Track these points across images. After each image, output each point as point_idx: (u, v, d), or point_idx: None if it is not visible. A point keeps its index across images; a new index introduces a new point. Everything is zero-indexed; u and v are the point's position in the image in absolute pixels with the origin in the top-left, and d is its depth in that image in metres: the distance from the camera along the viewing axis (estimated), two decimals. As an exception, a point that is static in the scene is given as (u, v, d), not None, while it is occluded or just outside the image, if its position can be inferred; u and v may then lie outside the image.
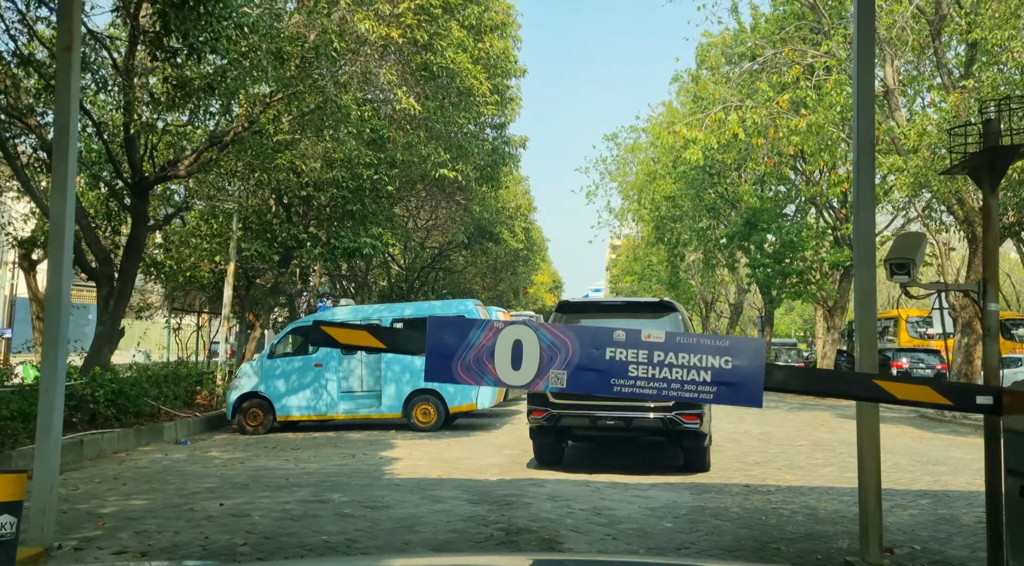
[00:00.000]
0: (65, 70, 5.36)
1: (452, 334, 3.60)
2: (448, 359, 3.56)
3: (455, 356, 3.55)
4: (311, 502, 7.33)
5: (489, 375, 3.53)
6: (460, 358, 3.54)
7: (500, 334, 3.55)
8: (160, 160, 13.78)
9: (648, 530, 6.36)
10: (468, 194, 23.63)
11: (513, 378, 3.53)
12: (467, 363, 3.54)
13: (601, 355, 3.52)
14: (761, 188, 25.78)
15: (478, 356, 3.54)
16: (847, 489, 8.26)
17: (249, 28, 9.47)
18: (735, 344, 3.54)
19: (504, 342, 3.54)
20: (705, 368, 3.44)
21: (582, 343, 3.55)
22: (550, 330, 3.62)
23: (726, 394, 3.44)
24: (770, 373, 3.42)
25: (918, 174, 15.55)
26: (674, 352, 3.50)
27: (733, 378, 3.42)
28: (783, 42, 19.00)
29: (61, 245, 5.35)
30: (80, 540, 5.86)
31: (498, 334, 3.55)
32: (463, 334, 3.58)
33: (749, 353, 3.47)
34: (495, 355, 3.52)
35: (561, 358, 3.53)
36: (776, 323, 43.11)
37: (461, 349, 3.56)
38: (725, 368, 3.43)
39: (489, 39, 17.00)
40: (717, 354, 3.47)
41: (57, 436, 5.34)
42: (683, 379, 3.45)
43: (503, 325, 3.61)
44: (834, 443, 12.28)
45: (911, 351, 24.66)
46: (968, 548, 5.92)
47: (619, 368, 3.49)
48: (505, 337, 3.55)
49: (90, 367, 11.65)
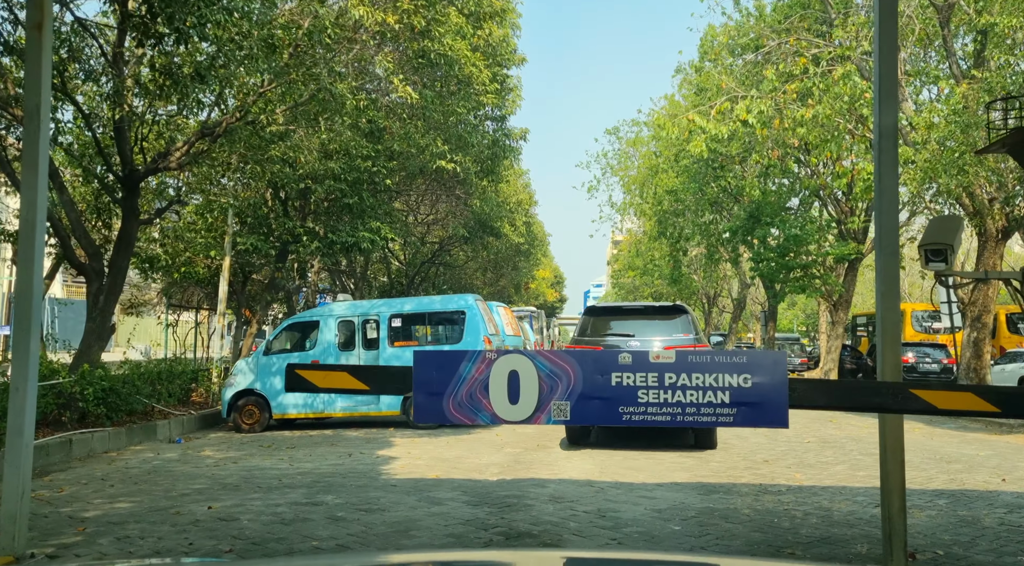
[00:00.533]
0: (35, 49, 5.04)
1: (440, 369, 3.27)
2: (438, 397, 3.24)
3: (446, 393, 3.23)
4: (303, 504, 7.03)
5: (485, 412, 3.22)
6: (452, 395, 3.23)
7: (494, 365, 3.23)
8: (151, 152, 13.47)
9: (655, 533, 6.07)
10: (468, 188, 23.31)
11: (511, 413, 3.21)
12: (460, 400, 3.22)
13: (607, 382, 3.19)
14: (765, 181, 25.44)
15: (471, 391, 3.22)
16: (860, 489, 7.97)
17: (239, 13, 9.15)
18: (753, 359, 3.21)
19: (499, 374, 3.22)
20: (722, 388, 3.12)
21: (584, 370, 3.22)
22: (548, 358, 3.29)
23: (748, 416, 3.13)
24: (794, 389, 3.10)
25: (928, 170, 15.22)
26: (687, 373, 3.17)
27: (754, 397, 3.10)
28: (788, 32, 18.65)
29: (32, 236, 5.03)
30: (57, 547, 5.56)
31: (491, 365, 3.23)
32: (453, 368, 3.25)
33: (769, 368, 3.14)
34: (490, 389, 3.20)
35: (563, 388, 3.20)
36: (779, 318, 42.79)
37: (452, 385, 3.24)
38: (744, 387, 3.11)
39: (488, 26, 16.64)
40: (734, 372, 3.15)
41: (29, 439, 5.04)
42: (699, 402, 3.13)
43: (496, 355, 3.29)
44: (843, 440, 11.99)
45: (916, 345, 24.35)
46: (993, 552, 5.62)
47: (627, 395, 3.17)
48: (499, 368, 3.23)
49: (79, 364, 11.35)
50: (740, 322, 46.52)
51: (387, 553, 4.83)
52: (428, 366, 3.28)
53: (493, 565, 2.09)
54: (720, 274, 40.97)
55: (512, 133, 22.12)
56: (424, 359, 3.30)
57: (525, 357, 3.29)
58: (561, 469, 9.04)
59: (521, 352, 3.35)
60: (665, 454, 10.21)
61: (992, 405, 2.95)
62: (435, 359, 3.32)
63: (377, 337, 13.52)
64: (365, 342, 13.56)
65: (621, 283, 58.58)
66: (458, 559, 2.49)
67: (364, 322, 13.61)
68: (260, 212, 17.77)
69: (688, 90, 27.09)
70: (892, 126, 4.96)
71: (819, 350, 38.26)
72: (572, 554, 3.71)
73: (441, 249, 30.52)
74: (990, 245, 16.46)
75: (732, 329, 43.04)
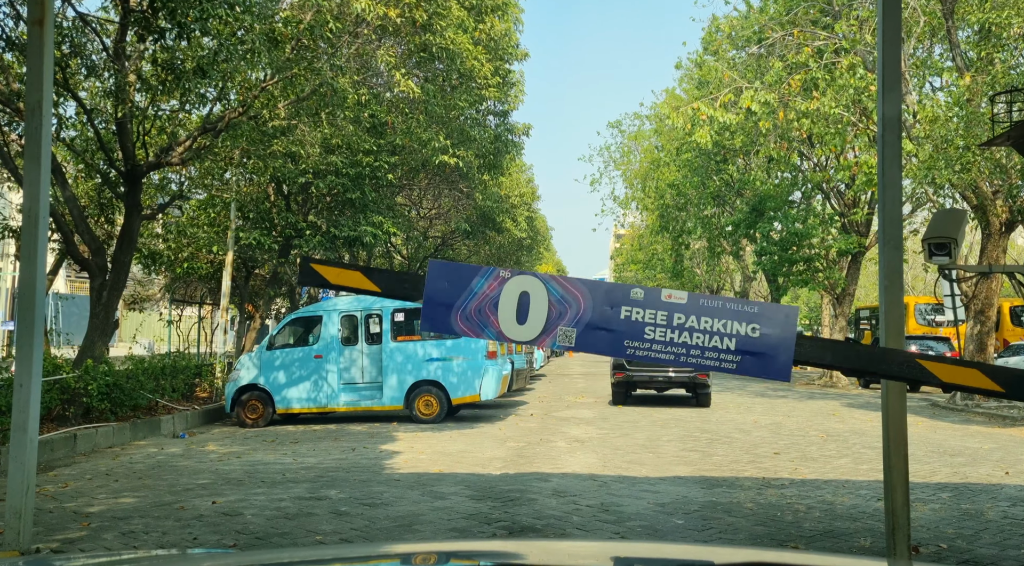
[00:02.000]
0: (37, 44, 5.04)
1: (453, 280, 3.24)
2: (447, 308, 3.21)
3: (455, 305, 3.19)
4: (307, 499, 7.05)
5: (491, 328, 3.19)
6: (460, 308, 3.19)
7: (506, 284, 3.19)
8: (153, 147, 13.47)
9: (658, 528, 6.07)
10: (470, 183, 23.28)
11: (517, 333, 3.18)
12: (467, 313, 3.19)
13: (616, 314, 3.16)
14: (768, 174, 25.38)
15: (480, 306, 3.20)
16: (863, 482, 7.97)
17: (240, 7, 9.12)
18: (765, 311, 3.17)
19: (510, 293, 3.20)
20: (730, 335, 3.08)
21: (595, 300, 3.19)
22: (561, 283, 3.26)
23: (751, 365, 3.09)
24: (801, 344, 3.06)
25: (932, 166, 15.16)
26: (696, 316, 3.14)
27: (760, 348, 3.06)
28: (792, 23, 18.57)
29: (35, 231, 5.04)
30: (62, 542, 5.58)
31: (504, 284, 3.19)
32: (466, 281, 3.22)
33: (780, 321, 3.10)
34: (499, 307, 3.17)
35: (571, 315, 3.17)
36: (782, 311, 42.70)
37: (463, 298, 3.21)
38: (752, 336, 3.08)
39: (490, 20, 16.59)
40: (744, 321, 3.11)
41: (33, 435, 5.05)
42: (704, 345, 3.10)
43: (510, 274, 3.26)
44: (846, 433, 11.98)
45: (919, 338, 24.31)
46: (997, 546, 5.62)
47: (635, 330, 3.13)
48: (511, 288, 3.20)
49: (83, 360, 11.37)
50: (743, 316, 46.43)
51: (392, 544, 4.85)
52: (441, 276, 3.25)
53: (499, 555, 2.09)
54: (722, 268, 40.93)
55: (515, 128, 22.09)
56: (438, 268, 3.26)
57: (538, 280, 3.25)
58: (564, 463, 9.05)
59: (534, 274, 3.32)
60: (668, 448, 10.22)
61: (997, 385, 2.92)
62: (449, 270, 3.29)
63: (380, 332, 13.53)
64: (368, 337, 13.57)
65: (624, 277, 58.52)
66: (464, 549, 2.49)
67: (367, 317, 13.62)
68: (262, 207, 17.79)
69: (689, 84, 27.03)
70: (896, 118, 4.94)
71: (822, 343, 38.19)
72: (578, 544, 3.73)
73: (444, 244, 30.50)
74: (994, 238, 16.41)
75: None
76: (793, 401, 18.28)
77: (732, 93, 17.40)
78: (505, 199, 29.58)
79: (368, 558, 2.13)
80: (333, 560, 2.06)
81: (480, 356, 13.27)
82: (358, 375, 13.47)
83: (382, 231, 18.20)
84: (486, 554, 2.20)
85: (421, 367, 13.28)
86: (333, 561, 2.04)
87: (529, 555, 2.08)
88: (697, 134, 17.23)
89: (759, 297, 42.99)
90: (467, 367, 13.24)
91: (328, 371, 13.35)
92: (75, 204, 12.16)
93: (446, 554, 2.16)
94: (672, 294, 3.20)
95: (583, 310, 3.18)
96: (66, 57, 11.13)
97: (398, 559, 2.09)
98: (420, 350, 13.36)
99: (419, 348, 13.39)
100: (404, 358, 13.29)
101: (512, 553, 2.14)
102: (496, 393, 13.57)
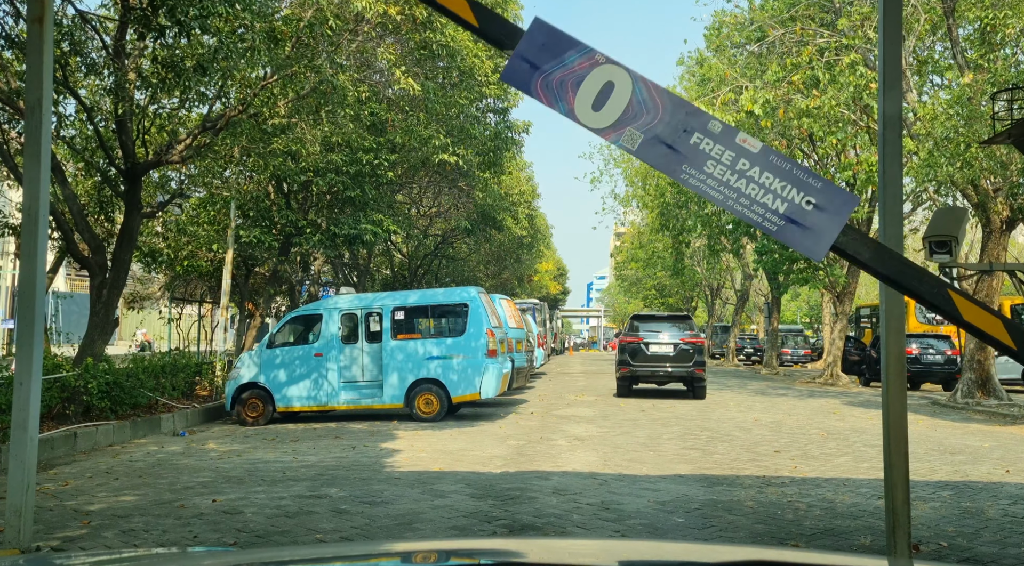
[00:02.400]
0: (37, 42, 5.02)
1: (550, 44, 3.15)
2: (533, 68, 3.14)
3: (542, 68, 3.13)
4: (307, 497, 7.05)
5: (565, 103, 3.12)
6: (545, 73, 3.13)
7: (597, 68, 3.12)
8: (153, 145, 13.46)
9: (659, 526, 6.07)
10: (470, 180, 23.28)
11: (588, 118, 3.12)
12: (550, 82, 3.13)
13: (687, 138, 3.10)
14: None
15: (563, 79, 3.13)
16: (864, 480, 7.97)
17: (240, 5, 9.11)
18: (827, 189, 3.10)
19: (596, 78, 3.13)
20: (784, 198, 3.03)
21: (674, 115, 3.11)
22: (648, 86, 3.18)
23: (791, 233, 3.03)
24: (846, 233, 3.03)
25: (933, 163, 15.14)
26: (760, 168, 3.08)
27: (807, 221, 3.01)
28: (792, 20, 18.54)
29: (35, 229, 5.03)
30: (62, 540, 5.58)
31: (595, 67, 3.12)
32: (561, 50, 3.15)
33: (836, 205, 3.04)
34: (581, 87, 3.10)
35: (646, 120, 3.11)
36: (782, 309, 42.75)
37: (551, 64, 3.15)
38: (804, 208, 3.02)
39: (490, 18, 16.56)
40: (803, 191, 3.04)
41: (33, 433, 5.05)
42: (755, 198, 3.04)
43: (604, 60, 3.20)
44: (847, 432, 11.98)
45: (920, 337, 24.31)
46: (998, 544, 5.62)
47: (697, 158, 3.07)
48: (599, 73, 3.13)
49: (83, 358, 11.37)
50: (743, 314, 46.49)
51: (392, 542, 4.84)
52: (541, 34, 3.18)
53: (500, 553, 2.09)
54: (723, 266, 40.92)
55: (515, 125, 22.08)
56: (540, 27, 3.21)
57: (628, 75, 3.17)
58: (564, 461, 9.05)
59: (628, 69, 3.27)
60: (668, 446, 10.22)
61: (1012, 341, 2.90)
62: (549, 32, 3.21)
63: (380, 330, 13.52)
64: (368, 335, 13.57)
65: (624, 275, 58.54)
66: (464, 548, 2.49)
67: (367, 315, 13.62)
68: (263, 205, 17.77)
69: (691, 82, 26.99)
70: (896, 115, 4.93)
71: (823, 342, 38.23)
72: (578, 542, 3.72)
73: (444, 242, 30.51)
74: (994, 236, 16.40)
75: (735, 321, 43.02)
76: (793, 399, 18.28)
77: (732, 92, 17.38)
78: (505, 197, 29.57)
79: (369, 556, 2.13)
80: (333, 558, 2.06)
81: (480, 354, 13.26)
82: (358, 373, 13.47)
83: (382, 229, 18.19)
84: (486, 552, 2.20)
85: (421, 365, 13.27)
86: (333, 559, 2.04)
87: (529, 553, 2.08)
88: None
89: (760, 295, 43.00)
90: (467, 365, 13.23)
91: (328, 369, 13.35)
92: (75, 202, 12.16)
93: (446, 552, 2.16)
94: (747, 140, 3.14)
95: (658, 120, 3.11)
96: (66, 55, 11.12)
97: (398, 557, 2.09)
98: (420, 348, 13.36)
99: (419, 346, 13.38)
100: (404, 356, 13.29)
101: (512, 551, 2.14)
102: (496, 391, 13.56)
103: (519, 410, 15.03)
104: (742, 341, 44.02)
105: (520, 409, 15.21)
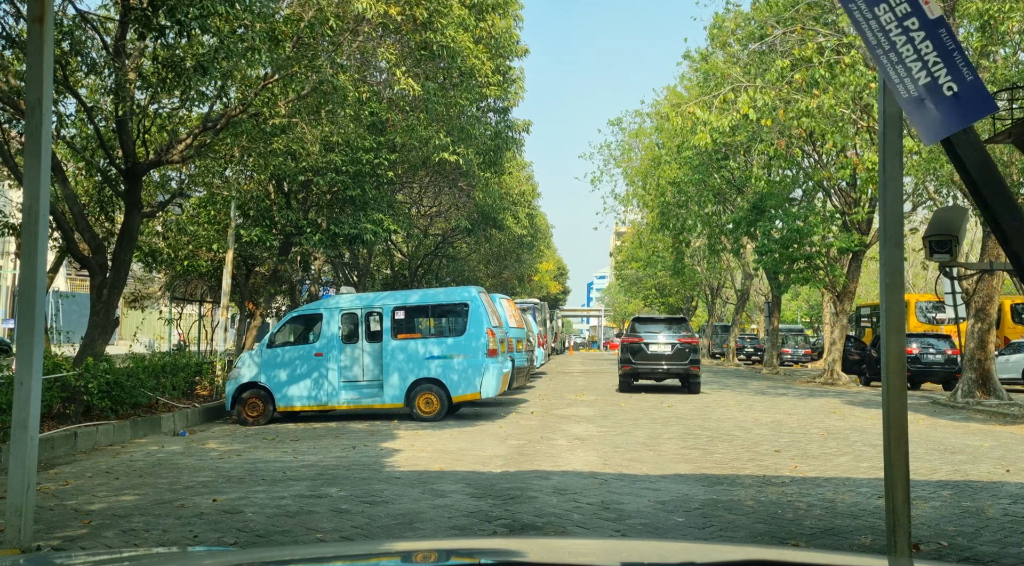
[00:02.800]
0: (37, 42, 5.03)
1: None
2: None
3: None
4: (307, 497, 7.05)
5: None
6: None
7: None
8: (153, 145, 13.46)
9: (659, 525, 6.07)
10: (471, 180, 23.28)
11: None
12: None
13: None
14: (769, 172, 25.36)
15: None
16: (864, 480, 7.97)
17: (241, 5, 9.11)
18: (974, 85, 3.01)
19: None
20: (931, 73, 3.07)
21: None
22: None
23: (917, 107, 3.06)
24: (966, 131, 3.09)
25: (934, 160, 15.14)
26: (925, 34, 3.07)
27: (938, 103, 3.06)
28: (793, 20, 18.53)
29: (36, 229, 5.03)
30: (63, 540, 5.58)
31: None
32: None
33: (974, 103, 3.05)
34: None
35: None
36: (783, 309, 42.76)
37: None
38: (944, 91, 3.08)
39: (490, 18, 16.57)
40: (952, 74, 3.05)
41: (34, 432, 5.05)
42: (904, 59, 3.07)
43: None
44: (847, 431, 11.98)
45: (920, 336, 24.31)
46: (998, 543, 5.62)
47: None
48: None
49: (83, 358, 11.38)
50: (744, 313, 46.50)
51: (392, 541, 4.85)
52: None
53: (500, 553, 2.09)
54: (723, 265, 40.92)
55: (515, 125, 22.08)
56: None
57: None
58: (565, 461, 9.05)
59: None
60: (668, 445, 10.22)
61: None
62: None
63: (380, 329, 13.52)
64: (368, 334, 13.57)
65: (624, 274, 58.50)
66: (465, 547, 2.49)
67: (368, 314, 13.62)
68: (263, 204, 17.78)
69: (692, 80, 26.97)
70: (897, 114, 4.92)
71: (823, 341, 38.22)
72: (578, 542, 3.73)
73: (444, 241, 30.51)
74: (995, 235, 16.38)
75: (736, 320, 43.02)
76: (793, 399, 18.28)
77: (731, 92, 17.37)
78: (505, 197, 29.57)
79: (369, 556, 2.13)
80: (334, 558, 2.06)
81: (480, 354, 13.26)
82: (359, 373, 13.47)
83: (382, 229, 18.19)
84: (486, 552, 2.20)
85: (422, 365, 13.27)
86: (334, 559, 2.04)
87: (529, 553, 2.08)
88: (696, 138, 17.22)
89: (760, 295, 42.98)
90: (467, 365, 13.23)
91: (329, 369, 13.35)
92: (75, 202, 12.16)
93: (446, 552, 2.16)
94: (930, 1, 3.12)
95: None
96: (66, 55, 11.12)
97: (399, 557, 2.09)
98: (421, 348, 13.36)
99: (420, 346, 13.38)
100: (405, 356, 13.29)
101: (512, 551, 2.14)
102: (496, 391, 13.56)
103: (519, 410, 15.03)
104: (742, 341, 44.03)
105: (520, 409, 15.22)
